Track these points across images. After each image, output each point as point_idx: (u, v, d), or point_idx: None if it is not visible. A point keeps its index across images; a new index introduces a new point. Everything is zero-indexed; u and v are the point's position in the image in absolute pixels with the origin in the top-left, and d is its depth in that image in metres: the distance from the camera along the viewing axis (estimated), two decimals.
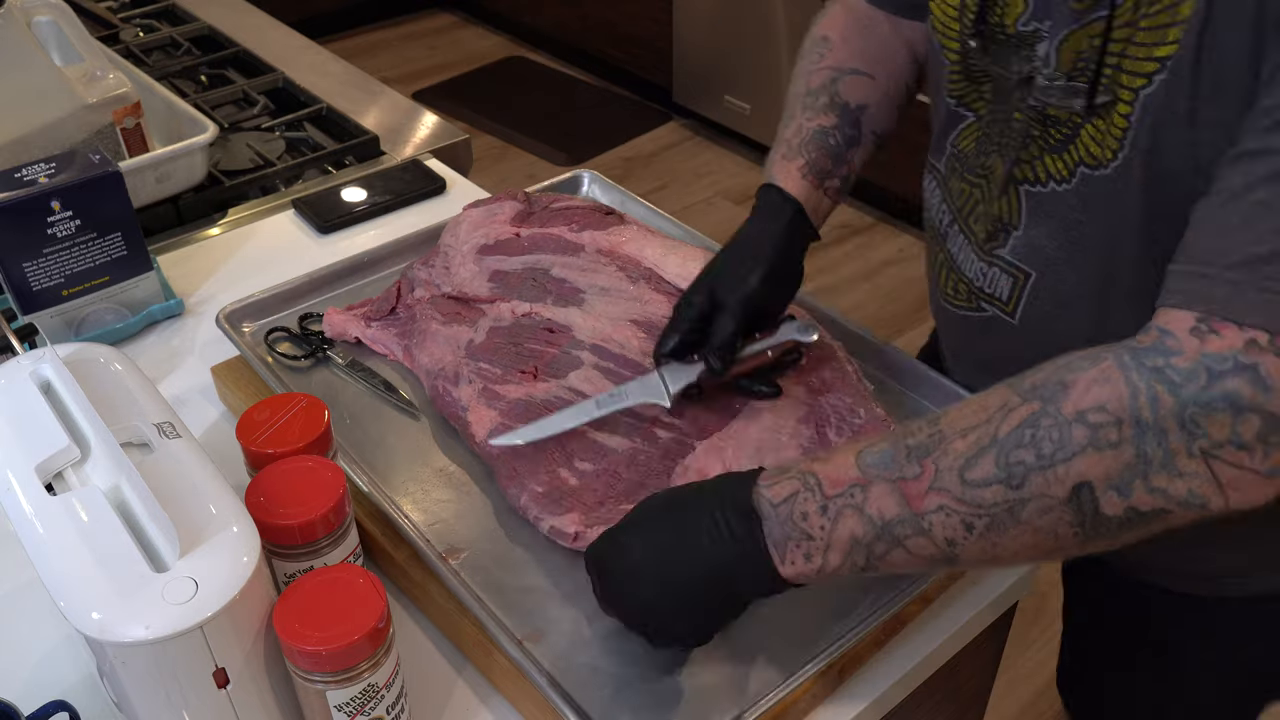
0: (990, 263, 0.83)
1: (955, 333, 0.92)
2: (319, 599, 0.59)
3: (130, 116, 1.17)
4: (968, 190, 0.84)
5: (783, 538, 0.62)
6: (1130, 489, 0.55)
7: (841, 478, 0.61)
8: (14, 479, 0.61)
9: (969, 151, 0.84)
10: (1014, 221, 0.79)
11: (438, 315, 0.93)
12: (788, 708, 0.69)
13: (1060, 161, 0.74)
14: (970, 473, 0.57)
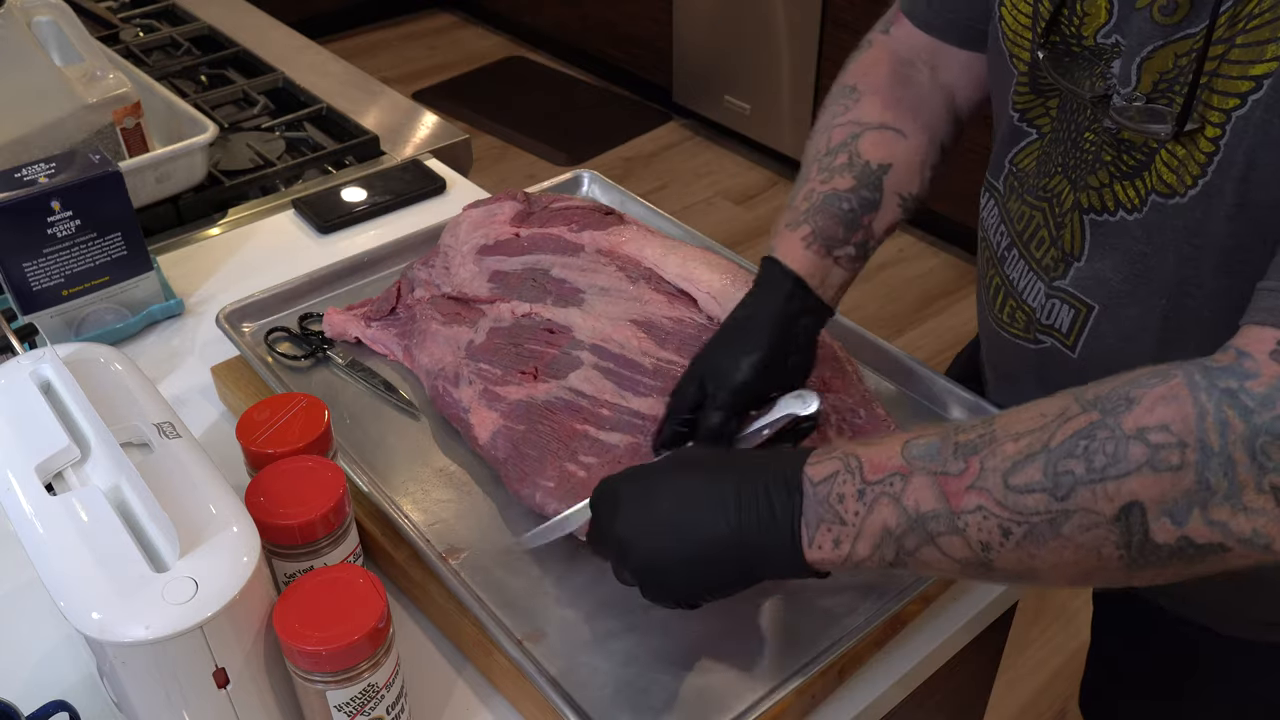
0: (1051, 293, 0.78)
1: (1008, 359, 0.86)
2: (319, 599, 0.59)
3: (130, 116, 1.17)
4: (1028, 213, 0.79)
5: (815, 519, 0.59)
6: (1186, 517, 0.51)
7: (884, 464, 0.58)
8: (14, 479, 0.61)
9: (1029, 171, 0.79)
10: (1076, 252, 0.75)
11: (438, 315, 0.93)
12: (788, 707, 0.69)
13: (1132, 189, 0.69)
14: (1014, 477, 0.54)
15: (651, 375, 0.87)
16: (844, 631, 0.71)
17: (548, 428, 0.82)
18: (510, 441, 0.81)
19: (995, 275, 0.84)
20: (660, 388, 0.86)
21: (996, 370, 0.91)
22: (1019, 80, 0.78)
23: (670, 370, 0.87)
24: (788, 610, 0.73)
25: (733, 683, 0.69)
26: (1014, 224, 0.81)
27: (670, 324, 0.91)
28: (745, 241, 2.82)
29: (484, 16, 4.03)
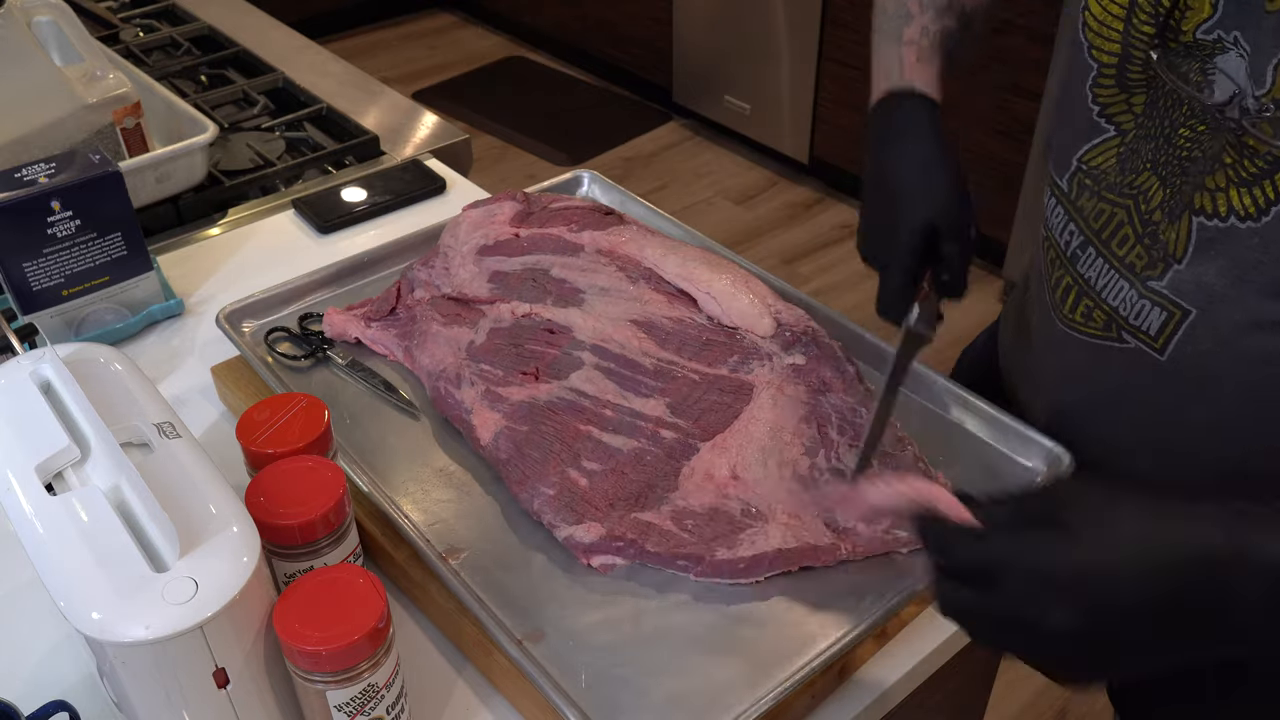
0: (1142, 293, 0.75)
1: (1078, 360, 0.83)
2: (319, 599, 0.59)
3: (130, 116, 1.17)
4: (1109, 210, 0.77)
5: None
6: None
7: None
8: (14, 479, 0.61)
9: (1108, 169, 0.77)
10: (1177, 254, 0.72)
11: (438, 316, 0.93)
12: (788, 707, 0.69)
13: (1249, 196, 0.67)
14: None
15: (652, 375, 0.87)
16: (844, 631, 0.71)
17: (550, 428, 0.82)
18: (513, 442, 0.81)
19: (1065, 276, 0.83)
20: (661, 388, 0.86)
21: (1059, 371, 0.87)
22: (1100, 74, 0.75)
23: (670, 370, 0.88)
24: (788, 610, 0.73)
25: (733, 682, 0.69)
26: (1089, 223, 0.79)
27: (670, 324, 0.92)
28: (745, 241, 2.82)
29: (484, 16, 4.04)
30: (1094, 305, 0.80)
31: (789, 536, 0.75)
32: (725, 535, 0.76)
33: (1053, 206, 0.84)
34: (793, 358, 0.88)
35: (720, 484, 0.79)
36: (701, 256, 0.96)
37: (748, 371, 0.88)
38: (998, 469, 0.84)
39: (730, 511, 0.77)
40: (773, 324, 0.91)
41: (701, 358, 0.89)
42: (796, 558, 0.75)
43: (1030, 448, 0.84)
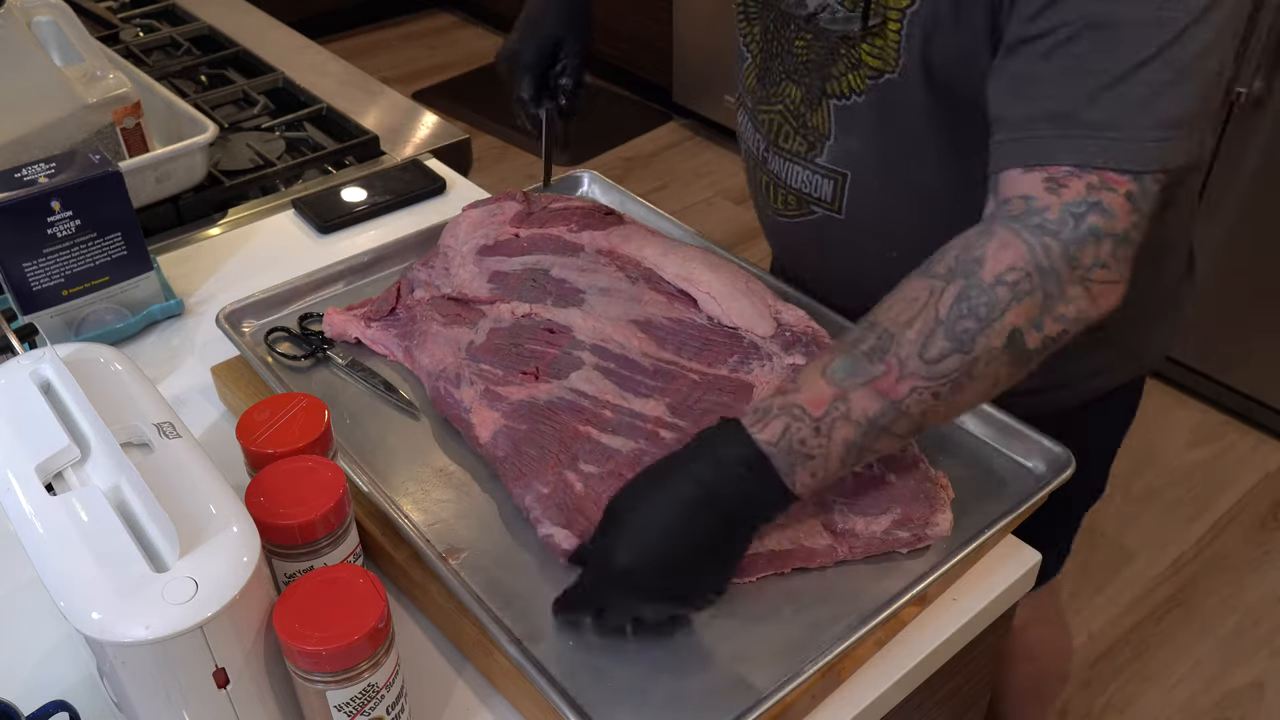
0: (813, 171, 0.95)
1: (790, 238, 1.03)
2: (319, 599, 0.59)
3: (130, 116, 1.17)
4: (770, 119, 0.98)
5: (789, 466, 0.69)
6: (1043, 323, 0.68)
7: (820, 398, 0.69)
8: (14, 479, 0.61)
9: (754, 86, 0.99)
10: (826, 132, 0.93)
11: (438, 316, 0.93)
12: (788, 708, 0.69)
13: (858, 77, 0.88)
14: (928, 353, 0.68)
15: (652, 376, 0.87)
16: (844, 631, 0.71)
17: (550, 428, 0.82)
18: (511, 440, 0.81)
19: (762, 175, 1.03)
20: (661, 388, 0.86)
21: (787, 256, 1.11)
22: (737, 14, 0.98)
23: (670, 371, 0.87)
24: (788, 610, 0.73)
25: (733, 683, 0.69)
26: (765, 131, 0.99)
27: (670, 324, 0.91)
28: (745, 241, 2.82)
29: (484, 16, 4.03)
30: (786, 192, 0.99)
31: (783, 539, 0.75)
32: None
33: (744, 121, 1.05)
34: (793, 358, 0.88)
35: None
36: (701, 256, 0.96)
37: (748, 372, 0.88)
38: (998, 469, 0.84)
39: None
40: (773, 324, 0.91)
41: (701, 358, 0.89)
42: (790, 560, 0.75)
43: (1030, 448, 0.84)
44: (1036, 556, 0.82)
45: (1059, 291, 0.68)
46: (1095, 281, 0.69)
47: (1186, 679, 1.83)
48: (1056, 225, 0.68)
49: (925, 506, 0.77)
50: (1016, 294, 0.67)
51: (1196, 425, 2.28)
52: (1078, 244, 0.68)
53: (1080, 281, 0.68)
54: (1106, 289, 0.70)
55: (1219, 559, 2.02)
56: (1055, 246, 0.68)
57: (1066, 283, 0.68)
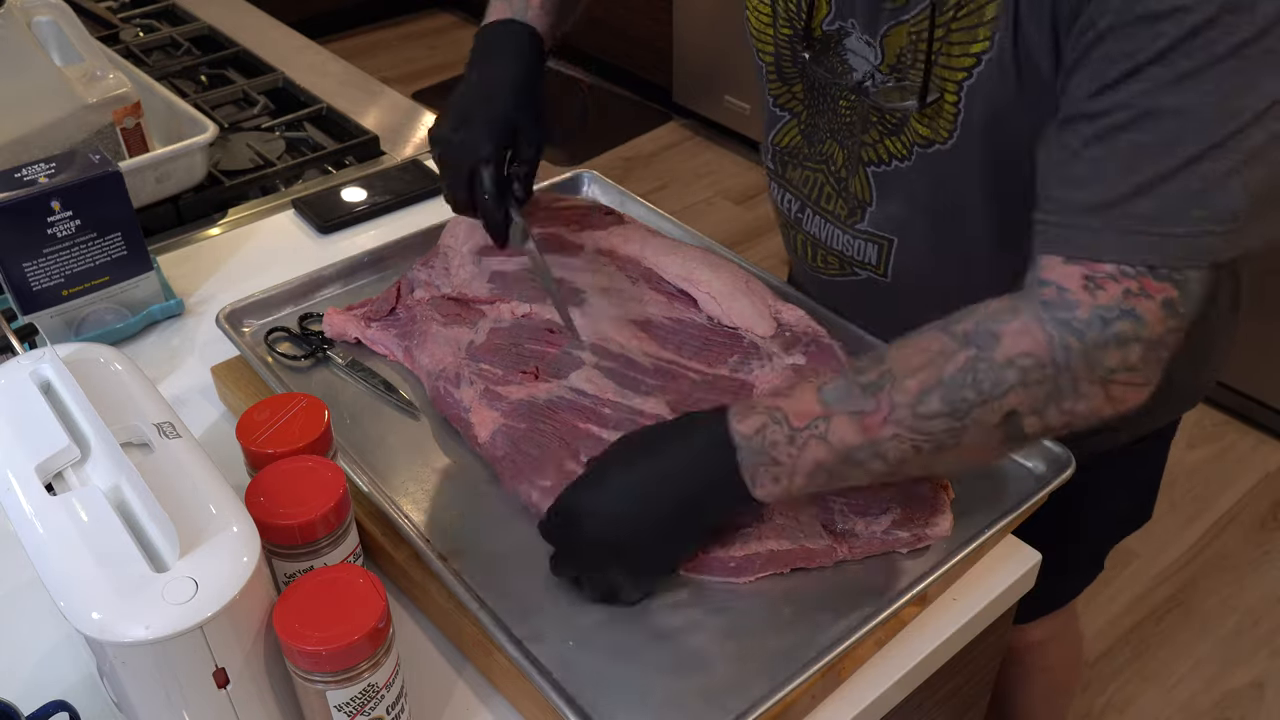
0: (854, 235, 0.93)
1: (834, 296, 0.99)
2: (319, 599, 0.59)
3: (130, 116, 1.17)
4: (810, 177, 0.95)
5: (753, 464, 0.69)
6: (1047, 413, 0.67)
7: (806, 411, 0.69)
8: (14, 479, 0.61)
9: (797, 145, 0.95)
10: (868, 199, 0.90)
11: (438, 316, 0.93)
12: (788, 708, 0.69)
13: (898, 142, 0.85)
14: (921, 408, 0.67)
15: (652, 375, 0.87)
16: (844, 631, 0.71)
17: (550, 427, 0.82)
18: (510, 439, 0.81)
19: (798, 235, 1.00)
20: (661, 387, 0.86)
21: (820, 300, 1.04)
22: (767, 72, 0.93)
23: (670, 370, 0.87)
24: (788, 610, 0.73)
25: (733, 683, 0.69)
26: (800, 189, 0.97)
27: (670, 324, 0.92)
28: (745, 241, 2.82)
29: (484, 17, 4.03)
30: (826, 253, 0.97)
31: (783, 538, 0.75)
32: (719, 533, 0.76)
33: (769, 183, 1.02)
34: (793, 358, 0.88)
35: None
36: (701, 256, 0.96)
37: (748, 372, 0.88)
38: (998, 469, 0.84)
39: None
40: (773, 324, 0.91)
41: (701, 358, 0.89)
42: (789, 559, 0.75)
43: (1030, 448, 0.84)
44: (1036, 557, 0.82)
45: (1071, 388, 0.66)
46: (1118, 383, 0.67)
47: (1186, 679, 1.83)
48: (1083, 326, 0.65)
49: (925, 506, 0.77)
50: (1025, 380, 0.66)
51: (1196, 425, 2.28)
52: (1100, 347, 0.65)
53: (1100, 383, 0.66)
54: (1130, 391, 0.67)
55: (1219, 559, 2.02)
56: (1076, 346, 0.65)
57: (1081, 381, 0.66)
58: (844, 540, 0.76)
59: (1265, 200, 0.66)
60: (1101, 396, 0.67)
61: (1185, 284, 0.66)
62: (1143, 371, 0.67)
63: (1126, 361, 0.66)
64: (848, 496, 0.78)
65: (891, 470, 0.69)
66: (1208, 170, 0.64)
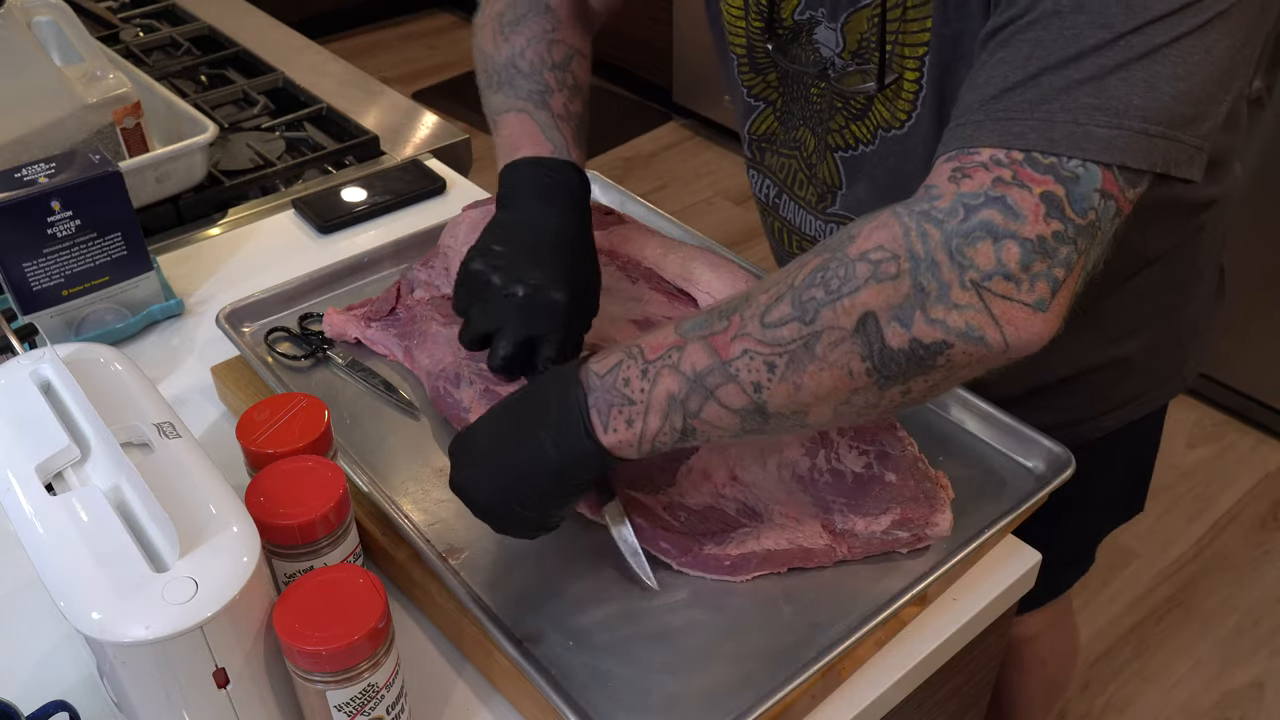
0: (825, 220, 0.93)
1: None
2: (319, 599, 0.59)
3: (130, 116, 1.17)
4: (785, 164, 0.96)
5: (605, 405, 0.65)
6: (911, 320, 0.58)
7: (661, 344, 0.65)
8: (14, 479, 0.61)
9: (774, 132, 0.95)
10: (837, 184, 0.91)
11: (438, 316, 0.93)
12: (788, 708, 0.69)
13: (863, 127, 0.85)
14: (769, 316, 0.62)
15: None
16: (844, 631, 0.71)
17: None
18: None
19: (775, 221, 1.01)
20: None
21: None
22: (740, 64, 0.93)
23: None
24: (788, 610, 0.73)
25: (733, 683, 0.69)
26: (775, 175, 0.98)
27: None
28: (745, 241, 2.82)
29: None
30: (801, 238, 0.98)
31: (780, 539, 0.75)
32: (717, 533, 0.76)
33: (750, 171, 1.02)
34: None
35: (718, 484, 0.79)
36: (701, 256, 0.96)
37: None
38: (998, 469, 0.84)
39: (726, 511, 0.77)
40: None
41: None
42: (785, 559, 0.75)
43: (1030, 448, 0.84)
44: (1036, 556, 0.82)
45: (938, 289, 0.58)
46: (995, 294, 0.57)
47: (1186, 679, 1.83)
48: (943, 215, 0.58)
49: (925, 506, 0.77)
50: (878, 275, 0.59)
51: (1196, 425, 2.28)
52: (963, 237, 0.57)
53: (972, 287, 0.57)
54: (1015, 311, 0.58)
55: (1219, 559, 2.02)
56: (935, 235, 0.58)
57: (949, 282, 0.57)
58: (843, 540, 0.76)
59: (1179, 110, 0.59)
60: (981, 311, 0.58)
61: (1073, 181, 0.58)
62: (1026, 284, 0.57)
63: (1001, 263, 0.57)
64: (847, 496, 0.78)
65: (750, 401, 0.62)
66: (1105, 60, 0.58)
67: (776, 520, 0.76)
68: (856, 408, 0.63)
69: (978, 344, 0.58)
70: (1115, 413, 1.00)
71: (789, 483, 0.79)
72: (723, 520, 0.77)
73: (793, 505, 0.78)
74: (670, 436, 0.65)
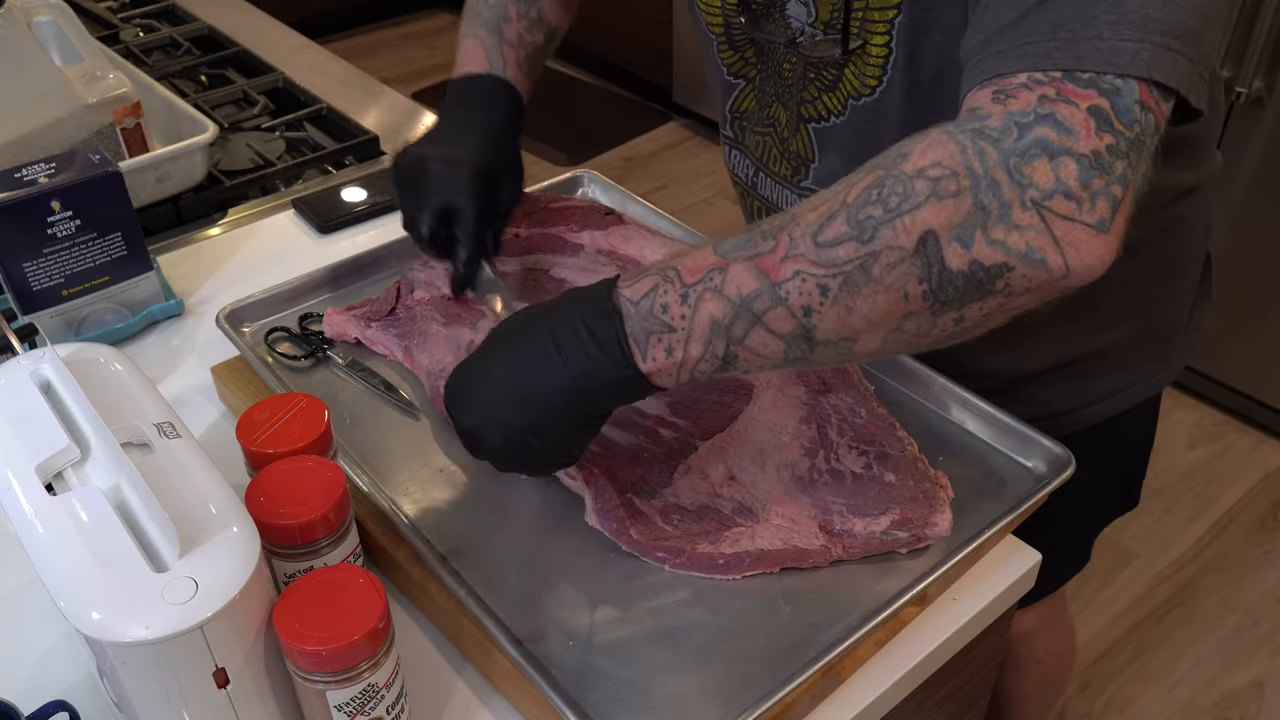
0: (801, 194, 0.93)
1: None
2: (319, 599, 0.59)
3: (130, 116, 1.17)
4: (760, 141, 0.96)
5: (643, 333, 0.62)
6: (972, 239, 0.57)
7: (700, 265, 0.62)
8: (14, 479, 0.61)
9: (751, 110, 0.95)
10: (810, 156, 0.91)
11: (438, 316, 0.93)
12: (788, 708, 0.69)
13: (834, 98, 0.85)
14: (823, 235, 0.59)
15: None
16: (844, 631, 0.71)
17: None
18: None
19: (753, 200, 1.01)
20: None
21: None
22: (719, 43, 0.93)
23: None
24: (788, 610, 0.73)
25: (733, 683, 0.69)
26: (752, 154, 0.98)
27: None
28: None
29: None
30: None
31: (775, 539, 0.75)
32: (711, 532, 0.76)
33: (729, 152, 1.03)
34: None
35: (715, 484, 0.79)
36: None
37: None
38: (998, 469, 0.84)
39: (721, 510, 0.77)
40: None
41: None
42: (779, 559, 0.75)
43: (1030, 448, 0.84)
44: (1036, 556, 0.82)
45: (999, 208, 0.56)
46: (1057, 214, 0.56)
47: (1186, 679, 1.83)
48: (997, 133, 0.57)
49: (925, 506, 0.77)
50: (938, 192, 0.57)
51: (1196, 425, 2.28)
52: (1020, 155, 0.56)
53: (1033, 207, 0.56)
54: (1078, 233, 0.56)
55: (1219, 559, 2.02)
56: (993, 153, 0.57)
57: (1010, 202, 0.56)
58: (840, 540, 0.76)
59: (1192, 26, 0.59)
60: (1042, 232, 0.56)
61: (1115, 94, 0.57)
62: (1087, 203, 0.56)
63: (1060, 181, 0.56)
64: (846, 497, 0.78)
65: (799, 325, 0.60)
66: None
67: (773, 520, 0.76)
68: (907, 335, 0.61)
69: (1038, 267, 0.57)
70: (1096, 406, 1.00)
71: (787, 483, 0.79)
72: (718, 520, 0.77)
73: (790, 505, 0.78)
74: (710, 365, 0.62)
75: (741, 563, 0.75)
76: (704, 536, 0.75)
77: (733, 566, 0.75)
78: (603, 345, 0.63)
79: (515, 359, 0.66)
